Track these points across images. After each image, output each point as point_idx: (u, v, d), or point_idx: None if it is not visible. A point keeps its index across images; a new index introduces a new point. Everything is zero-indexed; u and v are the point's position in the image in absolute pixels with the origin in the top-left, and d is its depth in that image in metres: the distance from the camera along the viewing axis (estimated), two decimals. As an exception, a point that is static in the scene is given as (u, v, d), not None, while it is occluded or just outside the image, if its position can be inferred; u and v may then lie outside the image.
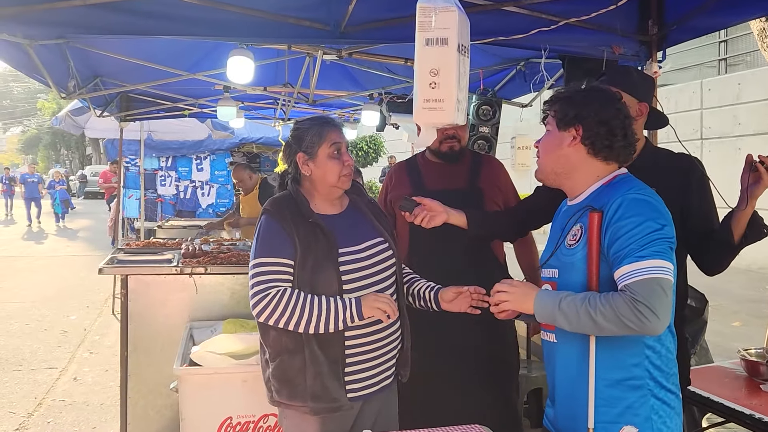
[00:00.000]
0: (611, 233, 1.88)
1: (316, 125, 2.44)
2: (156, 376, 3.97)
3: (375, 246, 2.44)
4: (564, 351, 2.04)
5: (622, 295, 1.80)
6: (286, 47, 4.47)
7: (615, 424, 1.93)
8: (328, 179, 2.41)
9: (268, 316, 2.25)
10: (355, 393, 2.35)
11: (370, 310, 2.26)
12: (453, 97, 2.24)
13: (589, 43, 3.76)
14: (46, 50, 4.41)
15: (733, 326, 7.12)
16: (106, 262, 4.20)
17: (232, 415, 3.10)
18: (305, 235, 2.31)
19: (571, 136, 2.03)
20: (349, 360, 2.33)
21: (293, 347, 2.32)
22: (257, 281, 2.28)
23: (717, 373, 3.05)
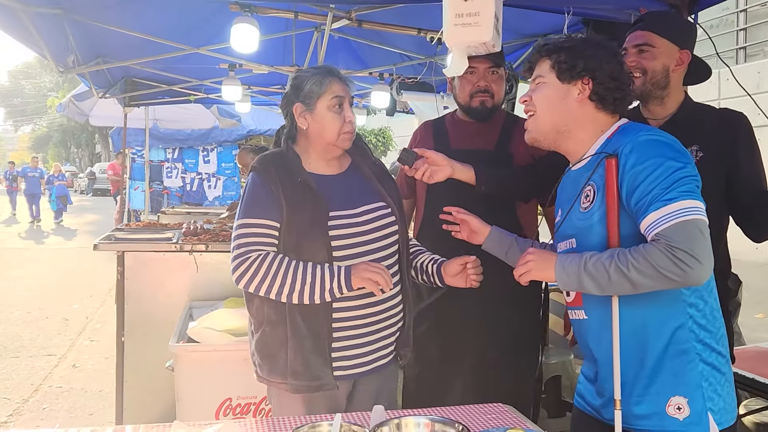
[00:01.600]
0: (629, 182, 1.67)
1: (318, 74, 2.17)
2: (153, 358, 3.73)
3: (374, 211, 2.18)
4: (597, 326, 1.81)
5: (656, 245, 1.58)
6: (293, 16, 4.25)
7: (662, 396, 1.71)
8: (326, 135, 2.14)
9: (247, 282, 2.03)
10: (342, 371, 2.10)
11: (360, 281, 2.00)
12: (491, 10, 1.97)
13: (614, 5, 3.52)
14: (42, 21, 4.21)
15: (756, 318, 6.89)
16: (102, 239, 4.00)
17: (231, 395, 2.89)
18: (293, 196, 2.07)
19: (578, 89, 1.82)
20: (336, 335, 2.08)
21: (275, 318, 2.09)
22: (238, 243, 2.06)
23: (759, 355, 2.83)
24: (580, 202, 1.82)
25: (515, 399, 2.63)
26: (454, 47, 2.13)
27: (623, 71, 1.84)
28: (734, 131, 2.24)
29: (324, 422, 1.73)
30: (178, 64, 6.19)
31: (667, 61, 2.24)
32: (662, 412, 1.70)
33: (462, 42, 2.08)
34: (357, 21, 4.31)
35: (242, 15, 4.15)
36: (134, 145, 12.28)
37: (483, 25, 2.00)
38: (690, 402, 1.69)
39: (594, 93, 1.80)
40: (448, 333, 2.76)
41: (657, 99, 2.30)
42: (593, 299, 1.76)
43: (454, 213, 2.24)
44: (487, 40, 2.04)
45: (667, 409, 1.70)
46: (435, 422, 1.73)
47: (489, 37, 2.03)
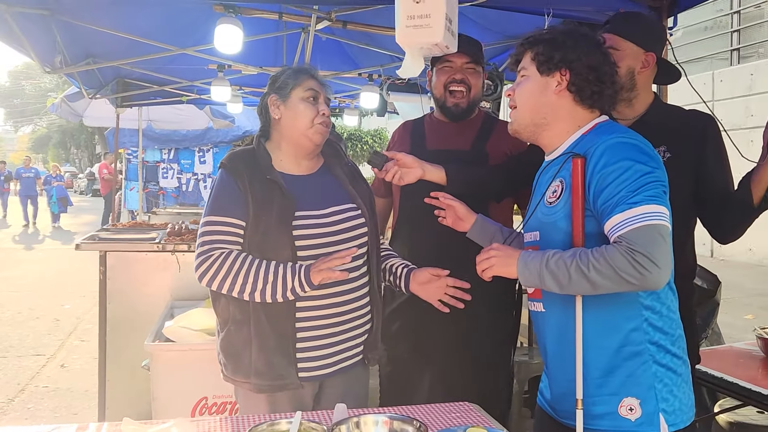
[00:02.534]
0: (597, 182, 1.67)
1: (293, 69, 2.20)
2: (136, 358, 3.72)
3: (343, 212, 2.18)
4: (554, 321, 1.83)
5: (617, 247, 1.59)
6: (278, 16, 4.27)
7: (615, 396, 1.72)
8: (298, 124, 2.13)
9: (210, 280, 2.03)
10: (307, 372, 2.10)
11: (318, 274, 1.98)
12: (441, 11, 1.98)
13: (594, 7, 3.54)
14: (28, 21, 4.22)
15: (745, 319, 6.89)
16: (85, 239, 4.01)
17: (207, 395, 2.91)
18: (261, 194, 2.07)
19: (556, 81, 1.81)
20: (300, 335, 2.08)
21: (240, 317, 2.09)
22: (202, 241, 2.06)
23: (732, 354, 2.84)
24: (547, 196, 1.83)
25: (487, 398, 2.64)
26: (407, 48, 2.14)
27: (605, 63, 1.82)
28: (702, 132, 2.24)
29: (283, 420, 1.73)
30: (169, 65, 6.21)
31: (632, 63, 2.24)
32: (615, 412, 1.71)
33: (414, 43, 2.09)
34: (341, 22, 4.33)
35: (226, 16, 4.17)
36: (129, 146, 12.30)
37: (434, 26, 2.01)
38: (642, 403, 1.70)
39: (571, 84, 1.80)
40: (420, 332, 2.76)
41: (624, 101, 2.30)
42: (552, 294, 1.76)
43: (441, 198, 2.23)
44: (439, 41, 2.05)
45: (620, 410, 1.71)
46: (393, 420, 1.74)
47: (440, 38, 2.03)
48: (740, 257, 10.24)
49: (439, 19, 2.00)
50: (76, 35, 4.92)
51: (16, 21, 4.02)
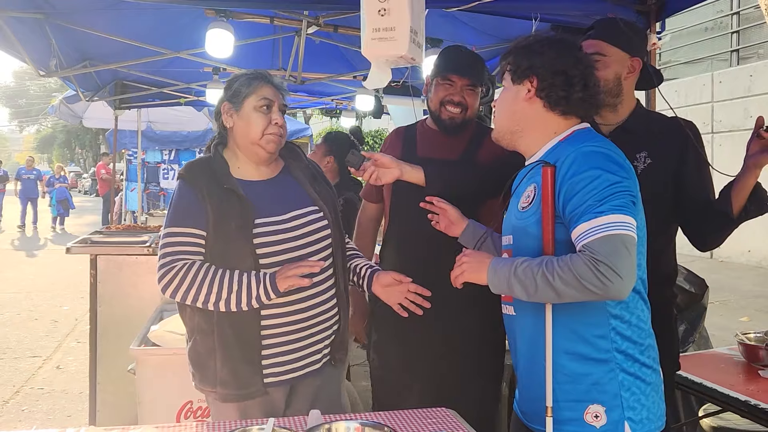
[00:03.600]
0: (566, 190, 1.68)
1: (248, 76, 2.16)
2: (126, 361, 3.75)
3: (304, 216, 2.17)
4: (523, 324, 1.84)
5: (581, 256, 1.59)
6: (269, 21, 4.29)
7: (581, 403, 1.73)
8: (250, 134, 2.11)
9: (173, 291, 2.02)
10: (275, 377, 2.10)
11: (284, 281, 1.98)
12: (406, 24, 1.99)
13: (582, 11, 3.54)
14: (22, 25, 4.25)
15: (740, 321, 6.87)
16: (76, 242, 4.03)
17: (192, 398, 2.90)
18: (219, 203, 2.05)
19: (526, 89, 1.83)
20: (266, 342, 2.08)
21: (205, 327, 2.08)
22: (163, 252, 2.04)
23: (713, 359, 2.84)
24: (520, 202, 1.84)
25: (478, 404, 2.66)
26: (372, 60, 2.15)
27: (575, 67, 1.81)
28: (683, 139, 2.23)
29: (255, 426, 1.75)
30: (166, 68, 6.24)
31: (618, 69, 2.23)
32: (580, 419, 1.72)
33: (379, 55, 2.09)
34: (332, 26, 4.35)
35: (217, 20, 4.19)
36: (130, 147, 12.35)
37: (399, 39, 2.02)
38: (607, 411, 1.71)
39: (539, 90, 1.81)
40: (409, 338, 2.76)
41: (610, 106, 2.31)
42: None
43: (435, 202, 2.25)
44: (404, 53, 2.06)
45: (585, 417, 1.72)
46: (365, 426, 1.76)
47: (405, 51, 2.04)
48: (738, 259, 10.22)
49: (403, 32, 2.01)
50: (71, 38, 4.95)
51: (10, 25, 4.05)
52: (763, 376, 2.55)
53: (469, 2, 3.23)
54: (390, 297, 2.25)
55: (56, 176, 20.28)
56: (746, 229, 2.31)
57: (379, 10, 2.01)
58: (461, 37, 4.86)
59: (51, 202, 19.30)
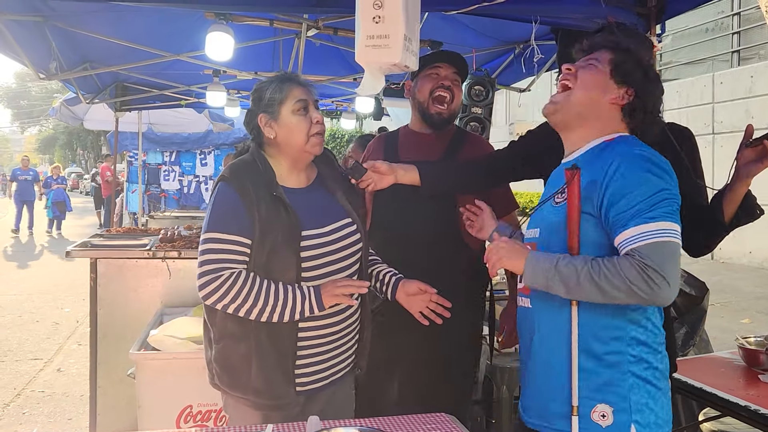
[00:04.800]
0: (612, 192, 1.67)
1: (276, 81, 2.13)
2: (127, 364, 3.76)
3: (342, 228, 2.15)
4: (539, 318, 1.83)
5: (630, 260, 1.60)
6: (269, 23, 4.29)
7: (590, 400, 1.73)
8: (295, 140, 2.09)
9: (217, 300, 1.97)
10: (304, 387, 2.09)
11: (331, 298, 2.00)
12: (400, 32, 2.00)
13: (582, 14, 3.53)
14: (21, 28, 4.25)
15: (741, 323, 6.88)
16: (76, 246, 4.03)
17: (192, 403, 2.92)
18: (267, 212, 2.01)
19: (620, 94, 1.82)
20: (301, 353, 2.07)
21: (239, 334, 2.06)
22: (207, 259, 1.98)
23: (714, 363, 2.83)
24: (555, 197, 1.83)
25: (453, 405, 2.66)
26: (366, 67, 2.15)
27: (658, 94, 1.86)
28: (678, 144, 2.21)
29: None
30: (166, 70, 6.24)
31: None
32: (587, 416, 1.72)
33: (373, 62, 2.10)
34: (331, 29, 4.35)
35: (217, 23, 4.19)
36: (131, 148, 12.36)
37: (393, 47, 2.02)
38: (615, 411, 1.71)
39: (629, 104, 1.82)
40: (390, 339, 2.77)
41: None
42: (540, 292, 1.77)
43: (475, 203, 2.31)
44: (397, 61, 2.07)
45: (592, 414, 1.72)
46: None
47: (398, 59, 2.05)
48: (740, 260, 10.21)
49: (397, 40, 2.01)
50: (71, 41, 4.95)
51: (9, 29, 4.05)
52: (763, 380, 2.54)
53: (469, 5, 3.22)
54: (413, 305, 2.25)
55: (54, 177, 18.77)
56: (748, 230, 2.31)
57: (373, 17, 2.01)
58: (462, 39, 4.86)
59: (47, 203, 17.98)
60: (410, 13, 2.06)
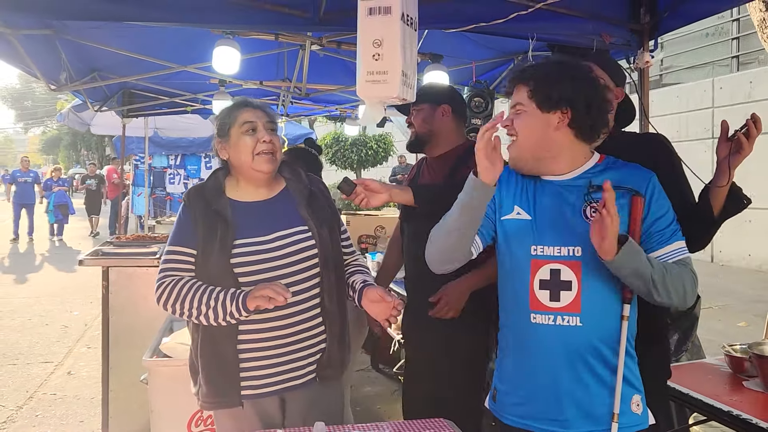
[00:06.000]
0: (654, 211, 1.89)
1: (229, 107, 2.34)
2: (137, 369, 3.85)
3: (290, 236, 2.27)
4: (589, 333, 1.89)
5: (685, 267, 1.87)
6: (274, 38, 4.42)
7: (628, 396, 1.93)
8: (243, 159, 2.25)
9: (164, 304, 2.20)
10: (253, 390, 2.24)
11: (252, 301, 2.10)
12: (398, 69, 2.17)
13: (577, 31, 3.65)
14: (33, 41, 4.37)
15: (738, 326, 6.97)
16: (88, 254, 4.17)
17: (202, 408, 3.04)
18: (207, 224, 2.22)
19: (557, 119, 1.89)
20: (244, 356, 2.23)
21: (194, 339, 2.30)
22: (160, 269, 2.25)
23: (701, 370, 2.94)
24: (587, 214, 1.90)
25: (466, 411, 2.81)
26: (366, 100, 2.30)
27: (604, 102, 1.93)
28: (652, 154, 2.30)
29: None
30: (172, 79, 6.36)
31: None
32: (629, 410, 1.91)
33: (373, 96, 2.27)
34: (335, 42, 4.48)
35: (224, 38, 4.32)
36: (137, 152, 12.49)
37: (391, 82, 2.20)
38: (642, 399, 1.94)
39: (573, 122, 1.89)
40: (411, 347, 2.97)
41: None
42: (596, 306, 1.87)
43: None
44: (394, 95, 2.24)
45: (632, 407, 1.91)
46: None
47: (395, 94, 2.22)
48: (738, 263, 10.30)
49: (395, 75, 2.18)
50: (80, 52, 5.08)
51: (21, 42, 4.18)
52: (747, 386, 2.65)
53: (468, 24, 3.35)
54: (375, 312, 2.31)
55: (54, 179, 17.72)
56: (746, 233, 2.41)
57: (373, 55, 2.18)
58: (462, 51, 4.99)
59: (48, 207, 16.96)
60: (407, 49, 2.22)
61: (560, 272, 1.90)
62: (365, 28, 2.22)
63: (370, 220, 6.33)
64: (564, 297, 1.89)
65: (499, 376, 2.11)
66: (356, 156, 18.24)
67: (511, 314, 2.05)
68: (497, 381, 2.12)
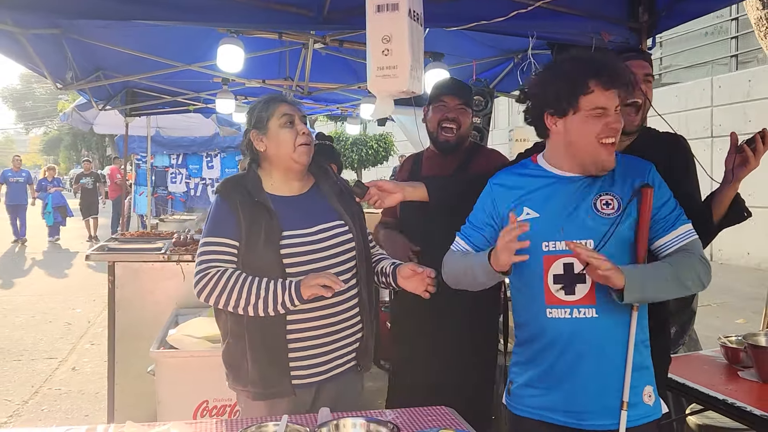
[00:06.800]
0: (659, 201, 1.96)
1: (264, 101, 2.39)
2: (143, 363, 3.93)
3: (330, 229, 2.34)
4: (606, 325, 1.94)
5: (692, 256, 1.92)
6: (278, 36, 4.47)
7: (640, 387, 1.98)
8: (282, 150, 2.31)
9: (207, 296, 2.20)
10: (300, 380, 2.27)
11: (308, 290, 2.15)
12: (407, 63, 2.25)
13: (577, 29, 3.70)
14: (40, 40, 4.43)
15: (736, 323, 7.02)
16: (94, 249, 4.23)
17: (208, 398, 3.11)
18: (251, 216, 2.24)
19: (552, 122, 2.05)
20: (292, 346, 2.26)
21: (237, 331, 2.28)
22: (200, 260, 2.24)
23: (698, 361, 3.01)
24: (597, 207, 1.95)
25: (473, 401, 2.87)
26: (377, 94, 2.37)
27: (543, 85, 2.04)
28: (670, 153, 2.39)
29: (270, 423, 1.93)
30: (175, 78, 6.40)
31: None
32: (640, 402, 1.95)
33: (383, 90, 2.34)
34: (338, 41, 4.53)
35: (228, 36, 4.38)
36: (139, 151, 12.53)
37: (400, 76, 2.26)
38: (654, 389, 1.99)
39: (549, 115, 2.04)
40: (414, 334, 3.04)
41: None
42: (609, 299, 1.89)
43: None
44: (405, 89, 2.30)
45: (644, 398, 1.96)
46: (370, 422, 1.94)
47: (405, 87, 2.29)
48: (737, 261, 10.36)
49: (404, 70, 2.25)
50: (85, 51, 5.12)
51: (30, 42, 4.23)
52: (742, 376, 2.72)
53: (469, 22, 3.40)
54: (411, 286, 2.38)
55: (48, 179, 16.64)
56: (746, 231, 2.47)
57: (383, 50, 2.26)
58: (462, 50, 5.03)
59: (47, 208, 15.92)
60: (415, 44, 2.29)
61: (573, 266, 1.93)
62: (374, 25, 2.29)
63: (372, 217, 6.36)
64: (579, 290, 1.93)
65: (515, 370, 2.15)
66: (356, 155, 18.29)
67: (526, 311, 2.08)
68: (513, 375, 2.16)
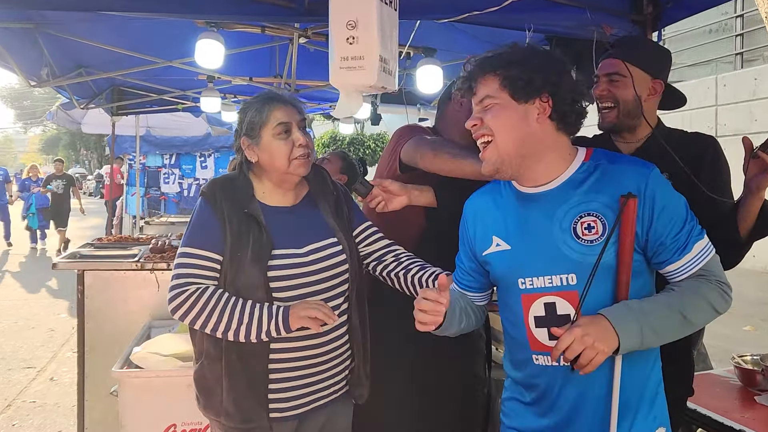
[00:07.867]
0: (665, 218, 1.59)
1: (257, 102, 2.07)
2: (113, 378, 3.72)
3: (323, 249, 2.08)
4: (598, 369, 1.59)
5: (707, 283, 1.60)
6: (261, 30, 4.23)
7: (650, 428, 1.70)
8: (277, 164, 2.04)
9: (183, 315, 1.95)
10: (279, 413, 2.02)
11: (298, 320, 1.91)
12: (375, 53, 1.91)
13: (576, 22, 3.46)
14: (11, 35, 4.20)
15: (744, 330, 6.77)
16: (63, 257, 3.98)
17: (176, 422, 2.86)
18: (238, 227, 1.98)
19: (537, 109, 1.63)
20: (273, 376, 2.00)
21: (214, 353, 2.02)
22: (177, 273, 1.97)
23: (709, 382, 2.75)
24: (577, 233, 1.62)
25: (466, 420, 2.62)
26: (341, 89, 2.07)
27: (577, 83, 1.68)
28: (699, 154, 2.17)
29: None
30: (161, 75, 6.19)
31: (639, 90, 2.18)
32: None
33: (348, 85, 2.02)
34: (324, 36, 4.29)
35: (207, 30, 4.14)
36: (131, 151, 12.31)
37: (368, 68, 1.94)
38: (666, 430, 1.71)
39: (554, 111, 1.64)
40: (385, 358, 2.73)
41: (628, 127, 2.27)
42: None
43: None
44: (372, 83, 1.98)
45: None
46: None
47: (373, 81, 1.96)
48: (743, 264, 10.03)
49: (373, 61, 1.93)
50: (64, 47, 4.90)
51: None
52: (759, 402, 2.46)
53: (460, 13, 3.16)
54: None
55: (32, 179, 14.93)
56: None
57: (347, 38, 1.93)
58: (456, 45, 4.80)
59: (30, 209, 14.44)
60: (386, 32, 1.97)
61: (556, 305, 1.64)
62: (337, 8, 1.97)
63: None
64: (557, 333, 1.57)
65: (506, 413, 1.87)
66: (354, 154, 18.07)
67: (513, 354, 1.80)
68: (504, 417, 1.88)
